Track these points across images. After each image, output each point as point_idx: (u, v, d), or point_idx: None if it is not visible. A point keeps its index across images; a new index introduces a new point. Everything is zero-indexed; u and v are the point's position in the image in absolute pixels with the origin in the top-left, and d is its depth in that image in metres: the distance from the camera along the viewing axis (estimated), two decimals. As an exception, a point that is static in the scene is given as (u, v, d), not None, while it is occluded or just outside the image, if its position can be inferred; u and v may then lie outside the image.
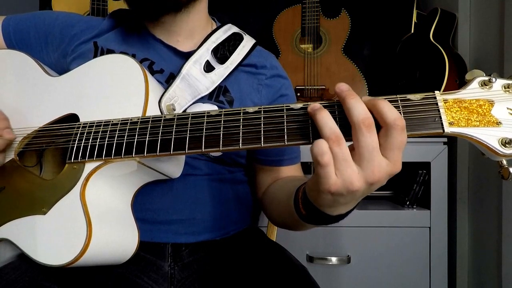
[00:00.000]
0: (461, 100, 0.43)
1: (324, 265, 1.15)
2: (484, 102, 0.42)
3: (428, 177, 1.19)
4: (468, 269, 1.21)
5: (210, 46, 0.71)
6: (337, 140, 0.40)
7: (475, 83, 0.43)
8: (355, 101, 0.41)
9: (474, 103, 0.42)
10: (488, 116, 0.42)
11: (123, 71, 0.60)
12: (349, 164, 0.41)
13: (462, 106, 0.42)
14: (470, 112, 0.42)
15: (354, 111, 0.41)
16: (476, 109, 0.42)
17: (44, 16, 0.79)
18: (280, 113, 0.46)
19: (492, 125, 0.41)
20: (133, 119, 0.53)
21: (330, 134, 0.41)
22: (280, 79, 0.79)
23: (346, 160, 0.40)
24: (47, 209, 0.53)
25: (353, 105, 0.41)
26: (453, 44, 1.29)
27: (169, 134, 0.50)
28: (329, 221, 0.49)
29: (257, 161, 0.77)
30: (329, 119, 0.41)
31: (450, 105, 0.43)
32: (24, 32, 0.77)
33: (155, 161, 0.59)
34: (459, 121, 0.42)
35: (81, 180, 0.53)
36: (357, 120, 0.40)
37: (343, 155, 0.40)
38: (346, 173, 0.40)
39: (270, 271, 0.63)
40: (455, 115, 0.42)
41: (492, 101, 0.42)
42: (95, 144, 0.53)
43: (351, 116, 0.41)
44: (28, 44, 0.77)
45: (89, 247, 0.50)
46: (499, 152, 0.41)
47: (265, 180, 0.78)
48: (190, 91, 0.67)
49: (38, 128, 0.61)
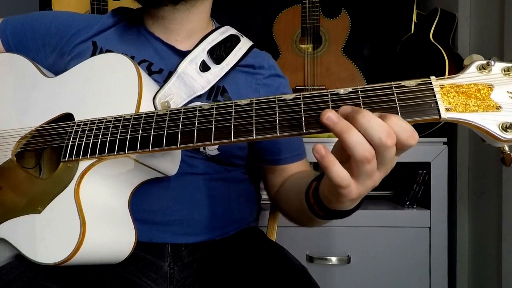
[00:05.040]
0: (459, 85, 0.41)
1: (324, 265, 1.15)
2: (483, 86, 0.40)
3: (428, 177, 1.19)
4: (468, 269, 1.21)
5: (206, 47, 0.71)
6: (368, 160, 0.39)
7: (473, 67, 0.41)
8: (358, 135, 0.40)
9: (473, 88, 0.41)
10: (487, 101, 0.40)
11: (117, 70, 0.61)
12: (370, 176, 0.41)
13: (460, 91, 0.41)
14: (468, 97, 0.40)
15: (373, 135, 0.39)
16: (475, 93, 0.40)
17: (41, 17, 0.78)
18: (272, 104, 0.45)
19: (491, 110, 0.40)
20: (126, 116, 0.54)
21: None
22: (277, 79, 0.80)
23: (369, 175, 0.40)
24: (42, 208, 0.53)
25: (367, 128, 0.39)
26: (453, 44, 1.29)
27: (162, 129, 0.50)
28: (347, 214, 0.51)
29: (263, 162, 0.77)
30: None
31: (447, 91, 0.41)
32: (22, 35, 0.77)
33: (150, 158, 0.59)
34: (457, 107, 0.40)
35: (75, 178, 0.53)
36: (377, 142, 0.39)
37: (367, 172, 0.40)
38: (367, 183, 0.41)
39: (270, 271, 0.63)
40: (452, 101, 0.40)
41: (492, 85, 0.40)
42: (89, 142, 0.54)
43: (372, 139, 0.39)
44: (26, 46, 0.77)
45: (83, 246, 0.49)
46: (500, 137, 0.39)
47: (275, 180, 0.78)
48: (186, 89, 0.67)
49: (34, 128, 0.62)
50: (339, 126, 0.40)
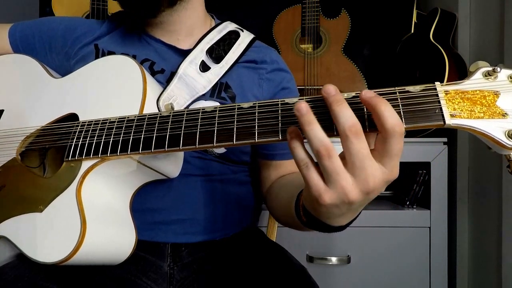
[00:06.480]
0: (464, 91, 0.40)
1: (324, 265, 1.15)
2: (489, 93, 0.40)
3: (428, 177, 1.19)
4: (468, 269, 1.21)
5: (205, 47, 0.72)
6: (327, 153, 0.38)
7: (479, 74, 0.41)
8: (342, 107, 0.38)
9: (478, 94, 0.40)
10: (493, 107, 0.39)
11: (122, 71, 0.61)
12: (341, 176, 0.38)
13: (465, 97, 0.40)
14: (473, 104, 0.40)
15: (341, 118, 0.38)
16: (480, 100, 0.40)
17: (49, 21, 0.81)
18: (274, 107, 0.45)
19: (497, 117, 0.39)
20: (130, 117, 0.54)
21: (319, 147, 0.38)
22: (281, 73, 0.79)
23: (338, 172, 0.38)
24: (44, 207, 0.54)
25: (339, 112, 0.38)
26: (453, 44, 1.29)
27: (164, 131, 0.50)
28: (330, 230, 0.47)
29: (260, 156, 0.77)
30: (318, 131, 0.38)
31: (451, 97, 0.40)
32: (30, 38, 0.79)
33: (153, 160, 0.59)
34: (462, 113, 0.39)
35: (77, 178, 0.54)
36: (343, 128, 0.38)
37: (334, 168, 0.38)
38: (339, 185, 0.38)
39: (270, 271, 0.63)
40: (457, 107, 0.40)
41: (498, 91, 0.40)
42: (92, 142, 0.54)
43: (337, 123, 0.38)
44: (34, 49, 0.79)
45: (83, 245, 0.49)
46: (506, 145, 0.38)
47: (269, 175, 0.78)
48: (188, 90, 0.68)
49: (39, 127, 0.62)
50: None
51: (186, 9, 0.74)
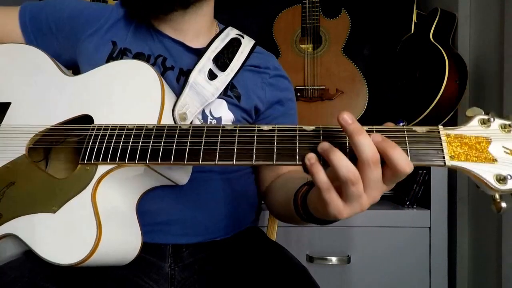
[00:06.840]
0: (462, 136, 0.46)
1: (324, 265, 1.15)
2: (483, 139, 0.45)
3: (428, 177, 1.19)
4: (468, 269, 1.21)
5: (211, 55, 0.73)
6: (356, 180, 0.42)
7: (475, 121, 0.46)
8: (363, 137, 0.42)
9: (474, 140, 0.45)
10: (485, 153, 0.45)
11: (141, 78, 0.62)
12: (362, 198, 0.43)
13: (463, 142, 0.45)
14: (469, 148, 0.45)
15: (364, 148, 0.42)
16: (475, 145, 0.45)
17: (55, 2, 0.80)
18: (293, 133, 0.48)
19: (488, 162, 0.44)
20: (148, 126, 0.55)
21: (348, 173, 0.42)
22: (282, 79, 0.83)
23: (360, 195, 0.43)
24: (57, 208, 0.54)
25: (362, 142, 0.42)
26: (453, 44, 1.29)
27: (184, 144, 0.51)
28: (329, 222, 0.52)
29: None
30: (343, 158, 0.42)
31: (452, 140, 0.45)
32: (38, 20, 0.78)
33: (166, 168, 0.60)
34: (459, 156, 0.45)
35: (93, 181, 0.54)
36: (366, 157, 0.41)
37: (359, 193, 0.43)
38: (358, 204, 0.44)
39: (271, 271, 0.63)
40: (455, 150, 0.45)
41: (490, 139, 0.45)
42: (109, 147, 0.54)
43: (360, 152, 0.42)
44: (40, 29, 0.77)
45: (98, 248, 0.50)
46: (494, 187, 0.43)
47: (267, 175, 0.79)
48: (198, 98, 0.69)
49: (51, 126, 0.62)
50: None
51: (197, 14, 0.76)
